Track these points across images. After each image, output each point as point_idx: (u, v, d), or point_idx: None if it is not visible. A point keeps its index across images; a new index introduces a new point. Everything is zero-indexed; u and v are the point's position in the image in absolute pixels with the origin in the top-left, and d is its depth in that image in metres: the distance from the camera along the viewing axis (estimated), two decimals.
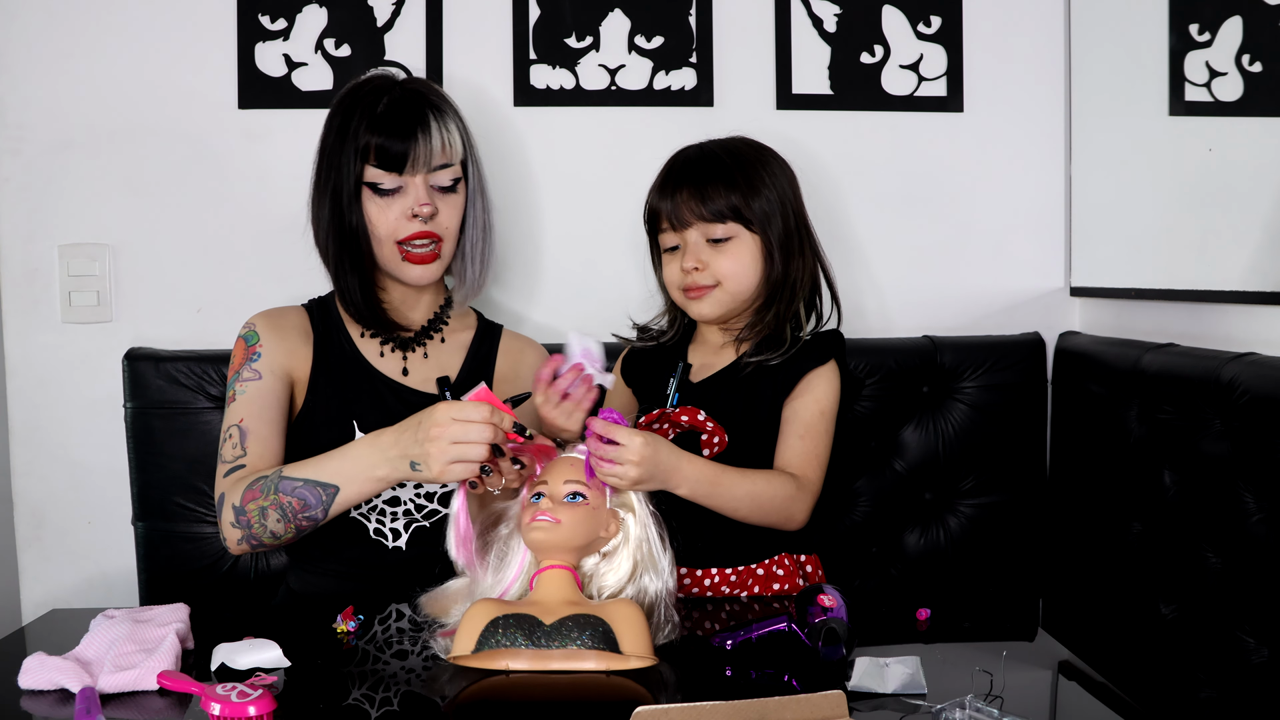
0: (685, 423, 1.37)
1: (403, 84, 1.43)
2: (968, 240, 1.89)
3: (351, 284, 1.43)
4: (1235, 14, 1.51)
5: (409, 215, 1.39)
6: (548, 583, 1.12)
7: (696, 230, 1.41)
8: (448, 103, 1.44)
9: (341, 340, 1.48)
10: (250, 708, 0.95)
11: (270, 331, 1.45)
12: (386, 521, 1.42)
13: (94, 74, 1.75)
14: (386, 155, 1.37)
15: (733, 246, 1.41)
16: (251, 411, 1.39)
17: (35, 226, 1.76)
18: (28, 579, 1.80)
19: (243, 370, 1.42)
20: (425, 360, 1.49)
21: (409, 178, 1.39)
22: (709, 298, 1.42)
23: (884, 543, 1.79)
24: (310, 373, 1.45)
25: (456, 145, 1.42)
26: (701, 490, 1.28)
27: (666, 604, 1.17)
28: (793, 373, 1.41)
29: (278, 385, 1.42)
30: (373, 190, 1.39)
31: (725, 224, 1.40)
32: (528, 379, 1.52)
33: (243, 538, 1.32)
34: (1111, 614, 1.57)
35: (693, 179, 1.41)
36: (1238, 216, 1.53)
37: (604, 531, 1.17)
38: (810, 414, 1.40)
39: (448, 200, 1.43)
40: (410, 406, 1.43)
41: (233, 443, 1.38)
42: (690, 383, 1.45)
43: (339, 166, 1.39)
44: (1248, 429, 1.28)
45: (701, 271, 1.41)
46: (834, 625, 1.08)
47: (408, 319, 1.49)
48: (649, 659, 1.07)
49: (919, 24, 1.85)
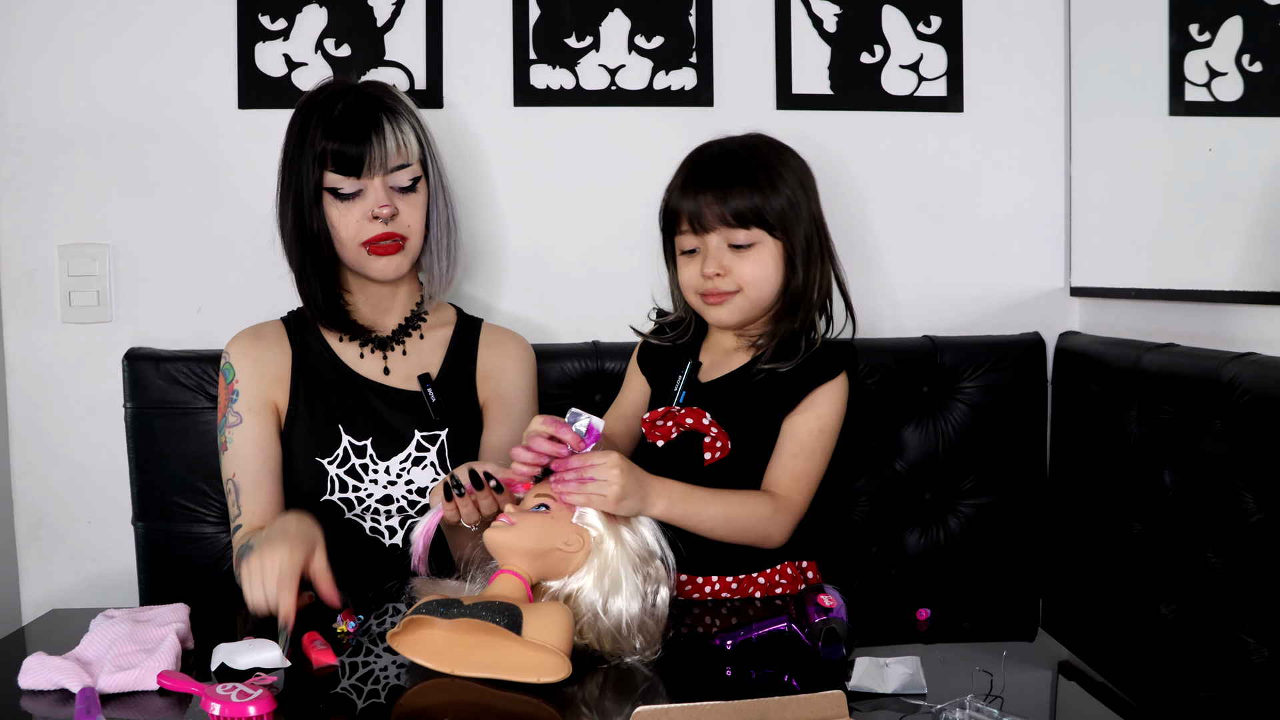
0: (690, 424, 1.36)
1: (357, 88, 1.45)
2: (968, 240, 1.89)
3: (314, 288, 1.45)
4: (1235, 14, 1.51)
5: (370, 217, 1.41)
6: (495, 586, 1.12)
7: (719, 235, 1.37)
8: (403, 104, 1.45)
9: (320, 348, 1.50)
10: (250, 708, 0.95)
11: (244, 360, 1.47)
12: (382, 519, 1.44)
13: (94, 74, 1.75)
14: (343, 160, 1.39)
15: (755, 252, 1.37)
16: (239, 465, 1.43)
17: (35, 226, 1.76)
18: (28, 579, 1.80)
19: (227, 414, 1.46)
20: (405, 358, 1.51)
21: (367, 181, 1.41)
22: (729, 304, 1.39)
23: (884, 543, 1.78)
24: (290, 386, 1.47)
25: (412, 145, 1.43)
26: (676, 509, 1.25)
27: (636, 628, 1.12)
28: (799, 386, 1.38)
29: (258, 424, 1.45)
30: (333, 195, 1.41)
31: (749, 229, 1.36)
32: (512, 371, 1.53)
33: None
34: (1111, 614, 1.57)
35: (716, 181, 1.37)
36: (1238, 216, 1.53)
37: (563, 545, 1.14)
38: (808, 433, 1.37)
39: (408, 200, 1.44)
40: (393, 405, 1.45)
41: (232, 499, 1.44)
42: (699, 382, 1.44)
43: (298, 172, 1.41)
44: (1248, 429, 1.28)
45: (723, 277, 1.37)
46: (834, 625, 1.08)
47: (378, 322, 1.51)
48: (550, 651, 1.03)
49: (919, 24, 1.85)
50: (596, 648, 1.11)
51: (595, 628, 1.11)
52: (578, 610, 1.13)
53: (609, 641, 1.11)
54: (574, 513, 1.17)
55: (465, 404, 1.50)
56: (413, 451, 1.45)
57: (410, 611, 1.07)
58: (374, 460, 1.44)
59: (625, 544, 1.16)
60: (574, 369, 1.73)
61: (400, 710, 1.01)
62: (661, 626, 1.15)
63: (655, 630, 1.14)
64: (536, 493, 1.19)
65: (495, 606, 1.05)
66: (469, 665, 1.07)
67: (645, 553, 1.17)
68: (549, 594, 1.15)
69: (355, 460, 1.44)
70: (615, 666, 1.09)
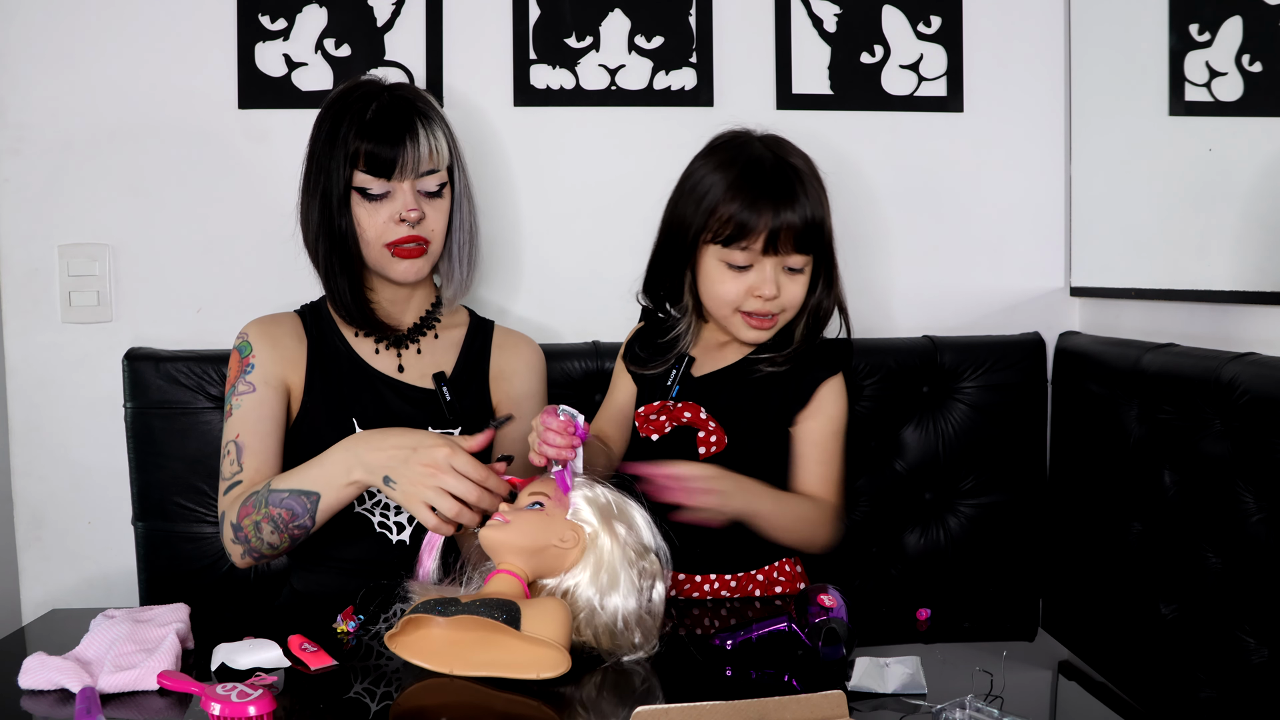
0: (687, 419, 1.36)
1: (391, 90, 1.44)
2: (968, 240, 1.89)
3: (341, 285, 1.44)
4: (1235, 14, 1.51)
5: (396, 219, 1.41)
6: (492, 584, 1.12)
7: (778, 258, 1.33)
8: (435, 109, 1.46)
9: (336, 341, 1.50)
10: (250, 708, 0.95)
11: (263, 339, 1.46)
12: (391, 516, 1.44)
13: (94, 74, 1.75)
14: (376, 161, 1.39)
15: (803, 276, 1.35)
16: (246, 426, 1.42)
17: (35, 226, 1.76)
18: (28, 579, 1.80)
19: (238, 383, 1.44)
20: (419, 356, 1.51)
21: (397, 183, 1.40)
22: (773, 326, 1.36)
23: (884, 543, 1.78)
24: (306, 375, 1.47)
25: (443, 152, 1.43)
26: (765, 505, 1.28)
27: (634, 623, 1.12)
28: (806, 384, 1.38)
29: (271, 395, 1.44)
30: (361, 195, 1.41)
31: (807, 255, 1.34)
32: (525, 375, 1.54)
33: (244, 552, 1.36)
34: (1111, 614, 1.57)
35: (788, 201, 1.30)
36: (1238, 216, 1.53)
37: (559, 541, 1.14)
38: (826, 435, 1.39)
39: (434, 205, 1.44)
40: (408, 401, 1.45)
41: (230, 459, 1.41)
42: (691, 377, 1.44)
43: (328, 171, 1.41)
44: (1248, 429, 1.28)
45: (774, 300, 1.33)
46: (834, 625, 1.08)
47: (398, 320, 1.51)
48: (550, 646, 1.04)
49: (919, 24, 1.85)
50: (594, 645, 1.11)
51: (593, 624, 1.11)
52: (575, 607, 1.12)
53: (606, 638, 1.11)
54: (568, 509, 1.16)
55: (478, 404, 1.51)
56: None
57: (408, 611, 1.07)
58: None
59: (620, 539, 1.15)
60: (574, 369, 1.73)
61: (398, 710, 1.01)
62: (658, 622, 1.15)
63: (653, 626, 1.14)
64: (531, 490, 1.18)
65: (493, 603, 1.05)
66: (467, 665, 1.07)
67: (640, 547, 1.16)
68: (545, 591, 1.15)
69: None
70: (615, 667, 1.09)
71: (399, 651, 1.08)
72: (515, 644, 1.05)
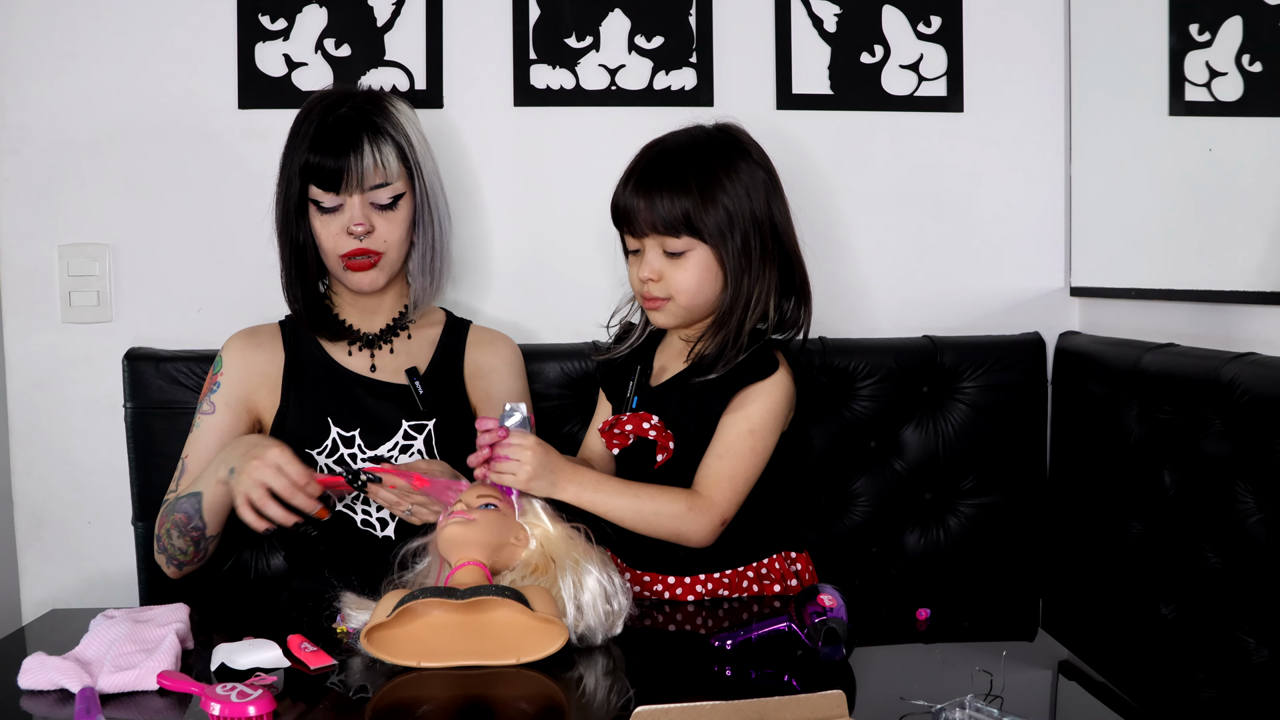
0: (630, 431, 1.37)
1: (354, 99, 1.45)
2: (968, 240, 1.89)
3: (297, 292, 1.49)
4: (1235, 14, 1.51)
5: (346, 232, 1.43)
6: (461, 576, 1.15)
7: (654, 240, 1.36)
8: (393, 119, 1.46)
9: (312, 348, 1.53)
10: (250, 708, 0.95)
11: (235, 357, 1.51)
12: (373, 511, 1.45)
13: (94, 74, 1.75)
14: (322, 174, 1.41)
15: (689, 260, 1.35)
16: (195, 449, 1.47)
17: (35, 226, 1.76)
18: (28, 579, 1.80)
19: (203, 401, 1.50)
20: (392, 355, 1.54)
21: (347, 196, 1.43)
22: (664, 310, 1.39)
23: (884, 543, 1.78)
24: (282, 384, 1.50)
25: (392, 165, 1.44)
26: (585, 495, 1.29)
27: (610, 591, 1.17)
28: (731, 385, 1.36)
29: (228, 418, 1.48)
30: (316, 207, 1.44)
31: (680, 238, 1.34)
32: (503, 372, 1.56)
33: (167, 560, 1.44)
34: (1111, 614, 1.57)
35: (653, 185, 1.35)
36: (1238, 216, 1.53)
37: (514, 539, 1.21)
38: (735, 433, 1.35)
39: (387, 216, 1.46)
40: (381, 397, 1.48)
41: (176, 475, 1.47)
42: (649, 387, 1.44)
43: (289, 179, 1.44)
44: (1248, 429, 1.28)
45: (656, 283, 1.36)
46: (834, 625, 1.08)
47: (368, 323, 1.54)
48: (554, 621, 1.09)
49: (919, 24, 1.85)
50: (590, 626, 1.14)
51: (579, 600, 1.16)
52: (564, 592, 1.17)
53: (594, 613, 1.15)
54: (515, 511, 1.23)
55: (453, 398, 1.53)
56: (400, 440, 1.46)
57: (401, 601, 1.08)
58: (362, 450, 1.46)
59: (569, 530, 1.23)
60: (574, 369, 1.73)
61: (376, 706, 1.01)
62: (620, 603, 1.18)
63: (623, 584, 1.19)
64: (480, 494, 1.24)
65: (496, 587, 1.11)
66: (454, 655, 1.08)
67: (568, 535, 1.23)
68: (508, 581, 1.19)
69: (344, 450, 1.46)
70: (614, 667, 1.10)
71: (375, 653, 1.08)
72: (524, 622, 1.09)
